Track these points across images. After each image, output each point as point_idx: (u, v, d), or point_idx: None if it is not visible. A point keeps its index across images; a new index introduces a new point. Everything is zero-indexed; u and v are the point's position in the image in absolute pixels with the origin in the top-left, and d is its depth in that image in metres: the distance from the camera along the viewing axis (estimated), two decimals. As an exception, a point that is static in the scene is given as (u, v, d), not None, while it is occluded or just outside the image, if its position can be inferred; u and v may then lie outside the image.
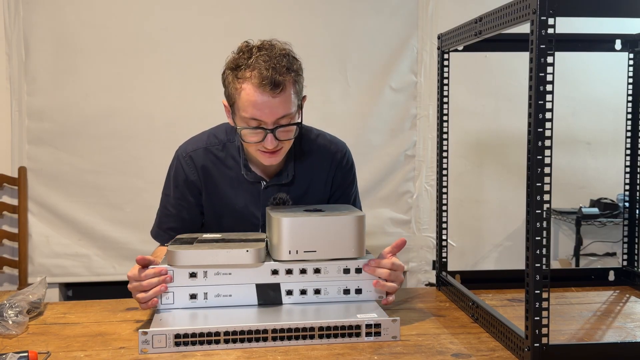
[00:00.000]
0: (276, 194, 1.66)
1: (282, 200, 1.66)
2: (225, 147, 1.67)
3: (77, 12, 2.91)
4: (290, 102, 1.48)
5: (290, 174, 1.66)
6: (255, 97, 1.45)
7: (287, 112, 1.48)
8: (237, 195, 1.67)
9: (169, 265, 1.36)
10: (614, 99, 3.20)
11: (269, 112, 1.46)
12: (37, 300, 1.48)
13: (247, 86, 1.46)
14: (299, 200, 1.68)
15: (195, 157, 1.66)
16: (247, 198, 1.67)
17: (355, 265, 1.41)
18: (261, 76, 1.43)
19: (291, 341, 1.25)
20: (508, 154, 3.24)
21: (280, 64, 1.46)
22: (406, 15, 3.13)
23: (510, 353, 1.23)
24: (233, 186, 1.66)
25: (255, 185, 1.66)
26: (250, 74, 1.45)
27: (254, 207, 1.67)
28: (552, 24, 1.09)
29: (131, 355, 1.22)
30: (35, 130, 2.94)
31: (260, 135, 1.49)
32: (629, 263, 1.77)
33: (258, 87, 1.44)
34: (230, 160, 1.67)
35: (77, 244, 3.00)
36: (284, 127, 1.49)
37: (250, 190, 1.66)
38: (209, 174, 1.66)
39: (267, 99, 1.44)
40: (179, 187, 1.68)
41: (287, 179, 1.66)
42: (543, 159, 1.11)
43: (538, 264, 1.13)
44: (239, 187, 1.66)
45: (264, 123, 1.47)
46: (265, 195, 1.66)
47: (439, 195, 1.71)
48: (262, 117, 1.46)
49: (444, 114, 1.69)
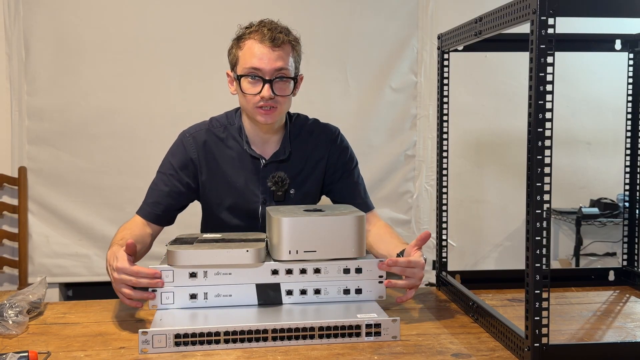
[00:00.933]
0: (275, 172, 1.73)
1: (280, 178, 1.73)
2: (226, 129, 1.76)
3: (77, 12, 2.91)
4: (289, 59, 1.64)
5: (287, 150, 1.74)
6: (255, 49, 1.61)
7: (284, 65, 1.62)
8: (238, 174, 1.74)
9: (169, 265, 1.36)
10: (614, 99, 3.20)
11: (267, 62, 1.60)
12: (37, 300, 1.48)
13: (249, 42, 1.63)
14: (296, 177, 1.76)
15: (198, 136, 1.75)
16: (247, 176, 1.74)
17: (355, 265, 1.41)
18: (262, 33, 1.62)
19: (291, 341, 1.25)
20: (508, 154, 3.24)
21: (280, 28, 1.65)
22: (406, 15, 3.13)
23: (510, 353, 1.23)
24: (234, 165, 1.74)
25: (255, 163, 1.74)
26: (254, 34, 1.63)
27: (253, 185, 1.74)
28: (552, 24, 1.09)
29: (131, 355, 1.22)
30: (35, 130, 2.94)
31: (258, 86, 1.61)
32: (629, 263, 1.77)
33: (260, 42, 1.61)
34: (231, 140, 1.75)
35: (77, 244, 3.00)
36: (280, 80, 1.62)
37: (250, 168, 1.74)
38: (210, 152, 1.74)
39: (266, 51, 1.60)
40: (175, 166, 1.74)
41: (284, 155, 1.74)
42: (543, 159, 1.11)
43: (538, 264, 1.13)
44: (240, 166, 1.74)
45: (262, 72, 1.61)
46: (264, 173, 1.74)
47: (439, 195, 1.71)
48: (261, 65, 1.60)
49: (444, 114, 1.69)
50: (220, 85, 3.00)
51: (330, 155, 1.79)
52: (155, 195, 1.74)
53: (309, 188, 1.78)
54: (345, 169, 1.81)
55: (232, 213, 1.77)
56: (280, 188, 1.74)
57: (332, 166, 1.80)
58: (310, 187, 1.79)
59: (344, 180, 1.81)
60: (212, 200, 1.77)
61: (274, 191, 1.74)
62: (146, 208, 1.74)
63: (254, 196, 1.75)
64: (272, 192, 1.74)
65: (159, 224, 1.75)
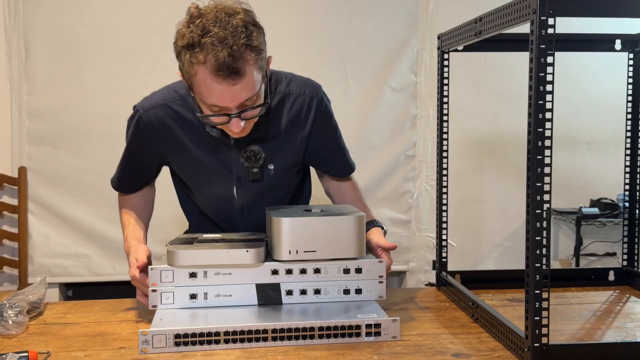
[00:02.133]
0: (246, 147, 1.54)
1: (253, 152, 1.53)
2: (185, 102, 1.53)
3: (77, 12, 2.92)
4: (254, 82, 1.32)
5: (262, 129, 1.52)
6: (213, 86, 1.29)
7: (250, 94, 1.33)
8: (204, 152, 1.54)
9: (169, 265, 1.36)
10: (614, 99, 3.20)
11: (230, 99, 1.32)
12: (37, 300, 1.48)
13: (202, 73, 1.29)
14: (273, 153, 1.56)
15: (153, 115, 1.53)
16: (215, 154, 1.55)
17: (355, 265, 1.41)
18: (217, 63, 1.26)
19: (291, 341, 1.25)
20: (508, 154, 3.24)
21: (238, 44, 1.26)
22: (406, 16, 3.13)
23: (510, 353, 1.23)
24: (199, 142, 1.53)
25: (223, 139, 1.53)
26: (204, 57, 1.27)
27: (224, 163, 1.54)
28: (552, 24, 1.09)
29: (131, 355, 1.22)
30: (35, 130, 2.94)
31: (224, 118, 1.36)
32: (629, 263, 1.77)
33: (215, 76, 1.27)
34: (191, 115, 1.51)
35: (77, 244, 3.00)
36: (249, 110, 1.36)
37: (218, 145, 1.54)
38: (170, 132, 1.53)
39: (226, 87, 1.29)
40: (135, 146, 1.60)
41: (258, 133, 1.52)
42: (543, 159, 1.11)
43: (538, 264, 1.13)
44: (206, 142, 1.53)
45: (226, 109, 1.35)
46: (235, 149, 1.54)
47: (439, 195, 1.71)
48: (224, 103, 1.32)
49: (444, 114, 1.69)
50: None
51: (313, 128, 1.57)
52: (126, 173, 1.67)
53: (290, 161, 1.60)
54: (330, 139, 1.64)
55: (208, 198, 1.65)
56: (255, 164, 1.52)
57: (316, 139, 1.60)
58: (291, 160, 1.60)
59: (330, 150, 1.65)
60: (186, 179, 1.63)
61: (248, 168, 1.53)
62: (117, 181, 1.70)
63: (228, 175, 1.56)
64: (246, 169, 1.54)
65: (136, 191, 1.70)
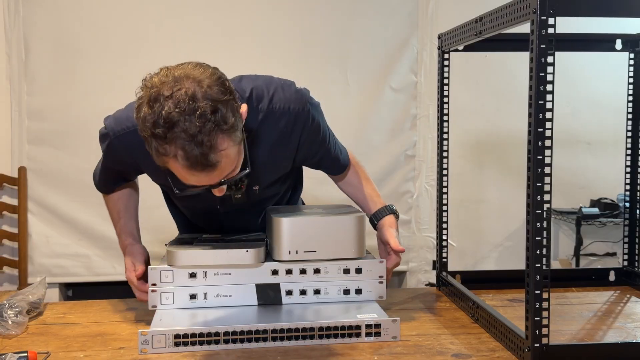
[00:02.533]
0: None
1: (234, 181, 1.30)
2: None
3: (77, 12, 2.91)
4: (231, 161, 1.20)
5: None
6: (188, 176, 1.18)
7: (228, 171, 1.21)
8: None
9: (169, 265, 1.36)
10: (614, 99, 3.19)
11: (207, 182, 1.21)
12: (37, 300, 1.48)
13: (174, 164, 1.16)
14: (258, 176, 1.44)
15: (125, 140, 1.39)
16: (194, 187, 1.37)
17: (355, 265, 1.41)
18: (189, 161, 1.13)
19: (291, 341, 1.25)
20: (508, 154, 3.24)
21: (209, 135, 1.12)
22: (406, 15, 3.12)
23: (511, 353, 1.23)
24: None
25: None
26: (174, 151, 1.13)
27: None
28: (552, 24, 1.09)
29: (131, 355, 1.22)
30: (35, 130, 2.94)
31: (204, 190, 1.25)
32: (629, 263, 1.77)
33: (188, 170, 1.15)
34: None
35: (77, 244, 3.00)
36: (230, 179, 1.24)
37: None
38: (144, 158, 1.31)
39: (202, 176, 1.17)
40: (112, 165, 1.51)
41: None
42: (543, 159, 1.11)
43: (538, 264, 1.13)
44: None
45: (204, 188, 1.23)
46: None
47: (439, 195, 1.71)
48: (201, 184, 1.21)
49: (444, 114, 1.69)
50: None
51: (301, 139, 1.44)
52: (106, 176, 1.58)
53: (275, 177, 1.52)
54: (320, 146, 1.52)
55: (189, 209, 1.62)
56: (237, 191, 1.38)
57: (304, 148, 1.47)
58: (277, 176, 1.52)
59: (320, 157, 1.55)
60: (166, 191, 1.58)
61: (232, 194, 1.40)
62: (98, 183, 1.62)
63: (210, 201, 1.43)
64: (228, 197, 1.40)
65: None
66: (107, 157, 1.50)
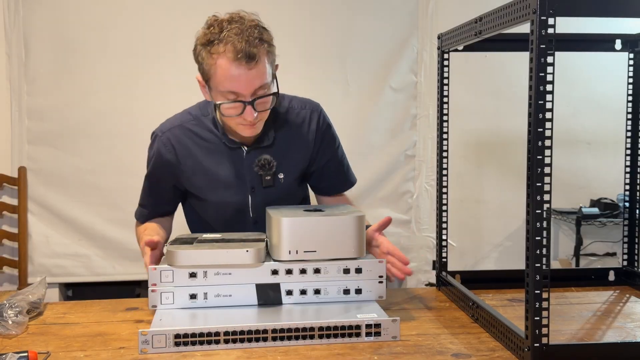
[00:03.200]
0: (260, 156, 1.66)
1: (266, 161, 1.65)
2: (200, 121, 1.68)
3: (77, 12, 2.91)
4: (266, 72, 1.49)
5: (270, 137, 1.67)
6: (231, 71, 1.46)
7: (263, 82, 1.49)
8: (220, 165, 1.67)
9: (169, 265, 1.36)
10: (614, 99, 3.20)
11: (245, 84, 1.47)
12: (37, 300, 1.48)
13: (222, 61, 1.46)
14: (282, 162, 1.68)
15: (171, 135, 1.67)
16: (230, 166, 1.67)
17: (355, 265, 1.41)
18: (235, 50, 1.44)
19: (291, 341, 1.25)
20: (508, 154, 3.24)
21: (253, 36, 1.46)
22: (406, 15, 3.13)
23: (510, 353, 1.23)
24: (214, 157, 1.66)
25: (237, 152, 1.67)
26: (224, 48, 1.46)
27: (238, 173, 1.67)
28: (552, 24, 1.09)
29: (131, 355, 1.22)
30: (35, 130, 2.94)
31: (239, 108, 1.50)
32: (629, 263, 1.77)
33: (233, 61, 1.45)
34: (206, 132, 1.67)
35: (77, 244, 3.00)
36: (261, 98, 1.51)
37: (233, 157, 1.67)
38: (187, 149, 1.66)
39: (243, 72, 1.46)
40: (155, 170, 1.71)
41: (268, 141, 1.67)
42: (543, 159, 1.11)
43: (538, 264, 1.13)
44: (220, 157, 1.66)
45: (241, 96, 1.49)
46: (248, 160, 1.66)
47: (439, 195, 1.71)
48: (240, 89, 1.48)
49: (444, 114, 1.69)
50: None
51: (316, 136, 1.72)
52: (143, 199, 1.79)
53: (297, 170, 1.72)
54: (330, 151, 1.76)
55: (220, 208, 1.72)
56: (268, 171, 1.66)
57: (317, 149, 1.73)
58: (298, 169, 1.72)
59: (329, 162, 1.77)
60: (198, 197, 1.72)
61: (262, 175, 1.66)
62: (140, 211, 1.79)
63: (242, 186, 1.68)
64: (259, 177, 1.66)
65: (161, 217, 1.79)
66: (154, 163, 1.70)
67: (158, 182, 1.73)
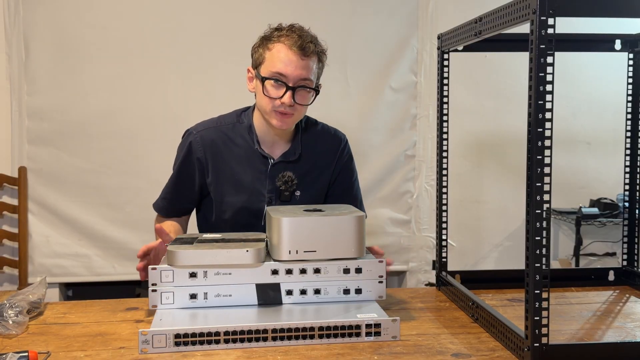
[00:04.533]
0: (283, 172, 1.76)
1: (290, 178, 1.76)
2: (235, 128, 1.78)
3: (77, 12, 2.91)
4: (312, 70, 1.67)
5: (297, 151, 1.78)
6: (284, 54, 1.64)
7: (308, 76, 1.65)
8: (245, 172, 1.76)
9: (169, 265, 1.36)
10: (614, 99, 3.20)
11: (293, 69, 1.63)
12: (37, 300, 1.48)
13: (279, 45, 1.65)
14: (304, 178, 1.78)
15: (205, 135, 1.76)
16: (254, 175, 1.76)
17: (355, 265, 1.41)
18: (293, 40, 1.64)
19: (291, 341, 1.25)
20: (508, 154, 3.24)
21: (309, 38, 1.67)
22: (406, 15, 3.13)
23: (510, 353, 1.23)
24: (241, 163, 1.76)
25: (264, 162, 1.76)
26: (284, 38, 1.65)
27: (260, 183, 1.76)
28: (552, 24, 1.09)
29: (131, 355, 1.22)
30: (35, 130, 2.94)
31: (281, 90, 1.64)
32: (628, 263, 1.77)
33: (289, 48, 1.64)
34: (239, 139, 1.77)
35: (77, 244, 3.00)
36: (303, 88, 1.65)
37: (259, 167, 1.76)
38: (218, 150, 1.76)
39: (295, 58, 1.63)
40: (183, 166, 1.78)
41: (294, 156, 1.77)
42: (543, 159, 1.12)
43: (538, 264, 1.13)
44: (247, 164, 1.76)
45: (286, 79, 1.63)
46: (272, 172, 1.76)
47: (439, 195, 1.71)
48: (287, 71, 1.63)
49: (444, 114, 1.69)
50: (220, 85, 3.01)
51: (337, 164, 1.84)
52: (165, 194, 1.84)
53: (314, 191, 1.81)
54: (348, 180, 1.87)
55: (237, 212, 1.78)
56: (289, 188, 1.76)
57: (336, 177, 1.85)
58: (315, 191, 1.82)
59: (344, 190, 1.87)
60: (217, 198, 1.78)
61: (282, 191, 1.76)
62: (159, 204, 1.85)
63: (260, 195, 1.77)
64: (279, 191, 1.76)
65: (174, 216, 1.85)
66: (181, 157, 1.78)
67: (185, 178, 1.79)
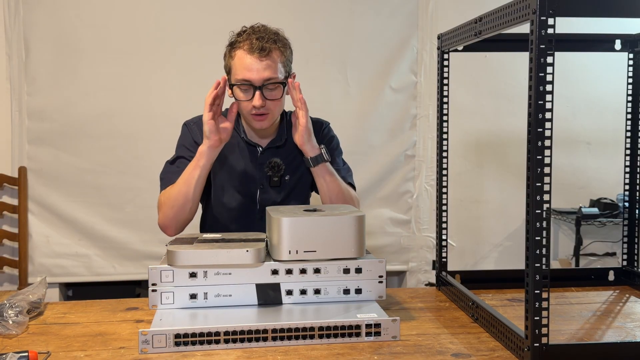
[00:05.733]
0: (271, 158, 1.85)
1: (276, 163, 1.84)
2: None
3: (77, 12, 2.92)
4: (277, 68, 1.72)
5: (283, 137, 1.87)
6: (244, 60, 1.71)
7: (273, 75, 1.71)
8: (237, 159, 1.87)
9: (169, 265, 1.36)
10: (614, 99, 3.20)
11: (256, 72, 1.70)
12: (37, 300, 1.48)
13: (239, 52, 1.72)
14: (291, 164, 1.87)
15: (201, 124, 1.79)
16: (246, 163, 1.86)
17: (355, 265, 1.41)
18: (251, 43, 1.70)
19: (291, 341, 1.25)
20: (508, 154, 3.25)
21: (268, 36, 1.72)
22: (406, 15, 3.13)
23: (510, 353, 1.23)
24: (233, 151, 1.87)
25: (253, 151, 1.87)
26: (242, 43, 1.72)
27: (252, 171, 1.86)
28: (552, 24, 1.09)
29: (131, 355, 1.22)
30: (35, 130, 2.94)
31: (249, 93, 1.72)
32: (628, 263, 1.77)
33: (248, 52, 1.71)
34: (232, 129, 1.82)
35: (77, 244, 3.00)
36: (270, 85, 1.71)
37: (249, 155, 1.87)
38: None
39: (255, 61, 1.70)
40: (184, 146, 1.86)
41: (280, 141, 1.87)
42: (543, 159, 1.12)
43: (538, 264, 1.13)
44: (239, 152, 1.87)
45: (252, 82, 1.70)
46: (262, 160, 1.86)
47: (439, 195, 1.71)
48: (251, 76, 1.70)
49: (444, 114, 1.69)
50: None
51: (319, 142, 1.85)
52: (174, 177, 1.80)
53: (302, 173, 1.89)
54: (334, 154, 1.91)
55: (234, 196, 1.86)
56: (276, 173, 1.85)
57: None
58: (303, 173, 1.88)
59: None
60: (216, 183, 1.86)
61: (270, 176, 1.85)
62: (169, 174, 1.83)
63: (253, 181, 1.86)
64: (268, 177, 1.85)
65: None
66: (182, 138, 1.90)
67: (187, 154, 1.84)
